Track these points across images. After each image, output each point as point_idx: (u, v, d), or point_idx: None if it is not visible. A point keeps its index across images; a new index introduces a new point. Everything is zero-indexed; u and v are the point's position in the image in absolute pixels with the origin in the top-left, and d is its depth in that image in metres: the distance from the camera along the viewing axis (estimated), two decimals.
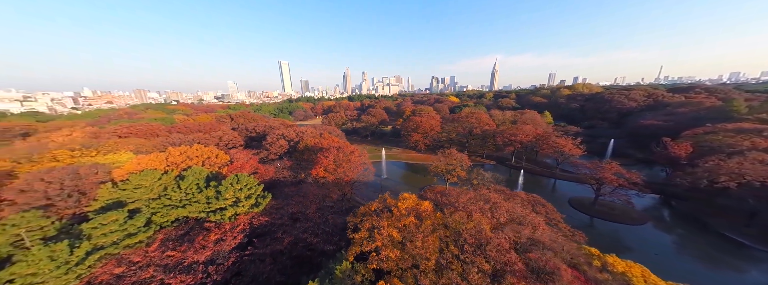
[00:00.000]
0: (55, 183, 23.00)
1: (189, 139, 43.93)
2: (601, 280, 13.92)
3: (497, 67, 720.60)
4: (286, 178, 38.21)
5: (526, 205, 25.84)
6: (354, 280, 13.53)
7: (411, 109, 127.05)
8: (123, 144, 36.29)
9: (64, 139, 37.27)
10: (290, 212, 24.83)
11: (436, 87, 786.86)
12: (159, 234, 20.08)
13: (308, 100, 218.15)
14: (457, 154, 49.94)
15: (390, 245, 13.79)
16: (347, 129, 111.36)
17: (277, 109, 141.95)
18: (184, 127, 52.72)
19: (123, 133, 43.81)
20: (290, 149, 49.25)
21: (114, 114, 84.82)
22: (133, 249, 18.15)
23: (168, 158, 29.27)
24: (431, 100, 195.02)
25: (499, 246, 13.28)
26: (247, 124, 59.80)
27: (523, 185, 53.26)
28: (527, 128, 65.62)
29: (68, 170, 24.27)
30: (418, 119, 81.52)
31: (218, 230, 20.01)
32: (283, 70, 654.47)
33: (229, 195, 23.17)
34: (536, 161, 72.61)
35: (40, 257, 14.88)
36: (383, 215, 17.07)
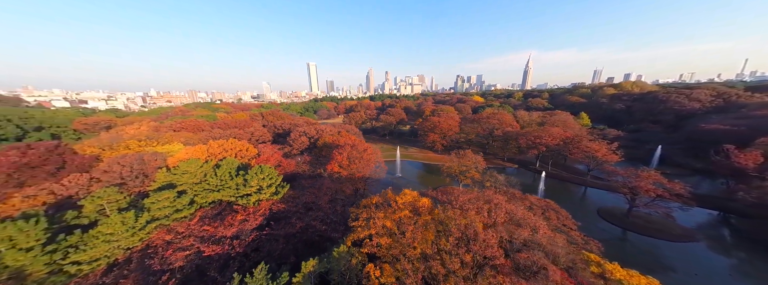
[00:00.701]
0: (127, 166, 28.88)
1: (226, 134, 50.34)
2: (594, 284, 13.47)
3: (531, 64, 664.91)
4: (304, 172, 41.69)
5: (535, 210, 24.91)
6: (349, 261, 15.19)
7: (431, 108, 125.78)
8: (176, 137, 43.30)
9: (134, 131, 45.77)
10: (304, 202, 27.58)
11: (460, 86, 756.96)
12: (198, 212, 24.16)
13: (332, 100, 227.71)
14: (471, 156, 49.03)
15: (383, 234, 15.14)
16: (366, 128, 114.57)
17: (304, 108, 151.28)
18: (223, 124, 60.27)
19: (176, 127, 51.98)
20: (310, 145, 53.20)
21: (171, 111, 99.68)
22: (179, 222, 22.26)
23: (209, 150, 34.39)
24: (454, 100, 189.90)
25: (484, 241, 13.71)
26: (275, 122, 65.81)
27: (546, 191, 50.08)
28: (554, 131, 61.05)
29: (136, 157, 30.21)
30: (436, 119, 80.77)
31: (244, 212, 23.38)
32: (311, 71, 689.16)
33: (254, 183, 26.69)
34: (565, 166, 67.24)
35: (115, 222, 19.37)
36: (382, 208, 18.46)
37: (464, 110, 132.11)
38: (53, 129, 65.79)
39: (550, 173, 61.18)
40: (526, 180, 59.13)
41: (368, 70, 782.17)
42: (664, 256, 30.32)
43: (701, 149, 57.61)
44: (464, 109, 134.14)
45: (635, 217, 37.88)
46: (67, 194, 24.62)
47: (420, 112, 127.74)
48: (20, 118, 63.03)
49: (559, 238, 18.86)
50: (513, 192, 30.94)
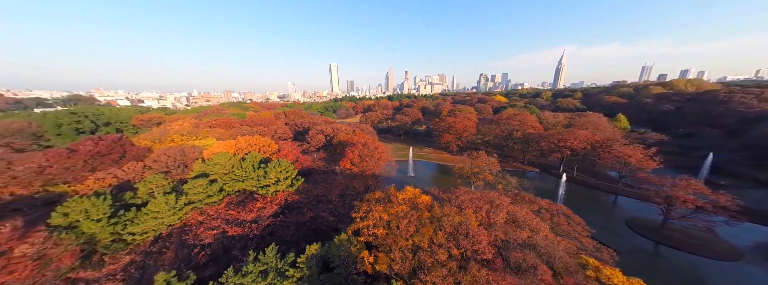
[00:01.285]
0: (171, 157, 33.68)
1: (253, 130, 55.34)
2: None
3: (564, 61, 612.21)
4: (319, 167, 44.37)
5: (543, 214, 24.04)
6: (349, 248, 16.62)
7: (449, 109, 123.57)
8: (211, 132, 48.89)
9: (178, 127, 52.57)
10: (316, 194, 29.78)
11: (483, 86, 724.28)
12: (226, 198, 27.53)
13: (351, 100, 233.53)
14: (485, 157, 47.92)
15: (379, 225, 16.29)
16: (382, 127, 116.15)
17: (324, 108, 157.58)
18: (251, 121, 66.14)
19: (212, 124, 58.47)
20: (327, 143, 56.14)
21: (209, 110, 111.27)
22: (210, 206, 25.69)
23: (237, 145, 38.49)
24: (474, 100, 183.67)
25: (474, 237, 14.12)
26: (296, 120, 70.35)
27: (571, 198, 46.93)
28: (581, 133, 56.73)
29: (178, 149, 35.05)
30: (451, 120, 79.45)
31: (262, 201, 26.15)
32: (332, 72, 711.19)
33: (273, 175, 29.51)
34: (594, 172, 62.20)
35: (161, 203, 23.13)
36: (382, 202, 19.61)
37: (484, 111, 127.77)
38: (117, 124, 77.68)
39: (575, 179, 57.09)
40: (548, 185, 55.80)
41: (388, 69, 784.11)
42: (707, 275, 27.09)
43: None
44: (484, 109, 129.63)
45: (671, 230, 34.20)
46: (126, 178, 29.67)
47: (437, 113, 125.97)
48: (93, 115, 75.45)
49: (569, 244, 18.29)
50: (523, 195, 29.94)
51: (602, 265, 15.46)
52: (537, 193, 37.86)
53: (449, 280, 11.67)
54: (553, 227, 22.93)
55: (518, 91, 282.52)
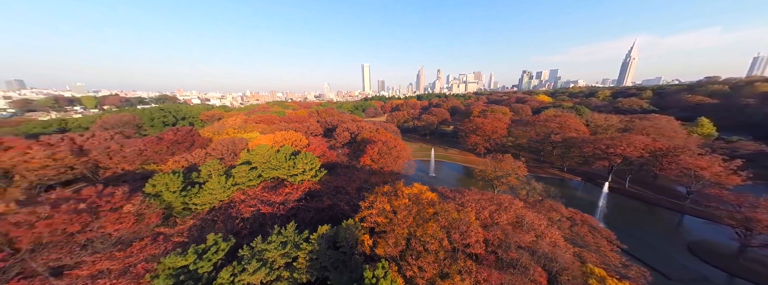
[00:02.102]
0: (225, 147, 40.97)
1: (289, 126, 62.48)
2: None
3: (635, 54, 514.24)
4: (343, 162, 48.03)
5: (562, 222, 22.42)
6: (354, 232, 18.86)
7: (481, 109, 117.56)
8: (256, 127, 57.10)
9: (232, 122, 62.63)
10: (335, 186, 32.99)
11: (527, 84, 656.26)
12: (262, 183, 32.66)
13: (380, 99, 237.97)
14: (510, 161, 45.42)
15: (380, 214, 18.06)
16: (408, 127, 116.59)
17: (354, 107, 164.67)
18: (288, 119, 74.37)
19: (257, 120, 67.90)
20: (351, 140, 59.93)
21: (257, 108, 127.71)
22: (250, 188, 30.96)
23: (274, 138, 44.54)
24: (511, 100, 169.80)
25: (466, 232, 14.71)
26: (327, 118, 76.37)
27: (615, 212, 41.42)
28: (637, 139, 48.99)
29: (230, 140, 42.35)
30: (479, 120, 75.89)
31: (290, 187, 30.35)
32: (365, 72, 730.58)
33: (300, 166, 33.73)
34: (655, 186, 53.25)
35: (215, 182, 28.97)
36: (388, 195, 21.31)
37: (522, 111, 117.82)
38: (190, 119, 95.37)
39: (627, 191, 49.82)
40: (590, 196, 49.39)
41: (419, 68, 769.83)
42: None
43: None
44: (522, 110, 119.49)
45: (751, 260, 27.87)
46: (194, 162, 37.41)
47: (467, 113, 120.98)
48: (175, 111, 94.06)
49: (589, 256, 17.23)
50: (547, 203, 27.94)
51: (609, 276, 14.31)
52: (576, 204, 34.37)
53: (435, 265, 12.73)
54: (571, 237, 21.40)
55: (568, 90, 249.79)
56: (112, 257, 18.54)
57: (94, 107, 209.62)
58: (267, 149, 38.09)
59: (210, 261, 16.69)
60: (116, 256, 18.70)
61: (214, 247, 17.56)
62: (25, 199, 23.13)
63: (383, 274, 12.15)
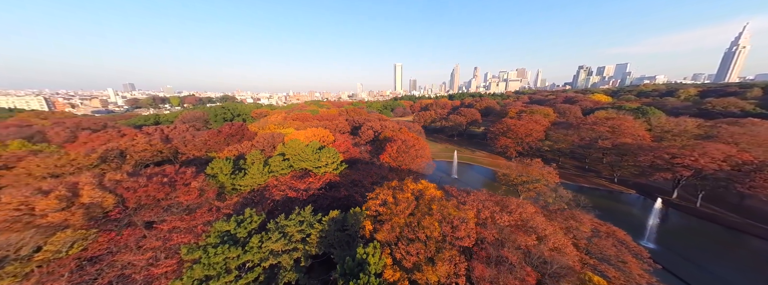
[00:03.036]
0: (266, 140, 47.93)
1: (320, 124, 68.67)
2: None
3: (745, 40, 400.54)
4: (364, 158, 51.16)
5: (580, 231, 20.75)
6: (359, 218, 21.28)
7: (518, 109, 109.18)
8: (292, 124, 64.54)
9: (273, 119, 71.81)
10: (353, 179, 36.02)
11: (583, 81, 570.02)
12: (291, 172, 37.67)
13: (410, 98, 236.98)
14: (539, 166, 42.39)
15: (382, 204, 19.98)
16: (435, 127, 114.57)
17: (383, 106, 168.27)
18: (320, 117, 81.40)
19: (294, 118, 76.30)
20: (374, 138, 62.85)
21: (296, 107, 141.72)
22: (282, 176, 36.14)
23: (305, 134, 50.10)
24: (559, 99, 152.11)
25: (456, 227, 15.54)
26: (354, 117, 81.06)
27: (677, 235, 35.26)
28: (715, 148, 40.64)
29: (270, 135, 49.28)
30: (510, 122, 70.90)
31: (314, 177, 34.48)
32: (396, 71, 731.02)
33: (324, 160, 37.77)
34: (741, 207, 43.47)
35: (256, 169, 34.80)
36: (393, 188, 23.08)
37: (569, 113, 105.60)
38: (244, 115, 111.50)
39: (699, 211, 41.84)
40: (647, 213, 41.83)
41: (454, 66, 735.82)
42: None
43: None
44: (569, 111, 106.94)
45: None
46: (242, 152, 44.96)
47: (503, 113, 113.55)
48: (232, 109, 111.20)
49: (609, 270, 16.19)
50: (568, 211, 25.76)
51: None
52: (624, 221, 30.42)
53: (421, 252, 14.02)
54: (587, 247, 19.86)
55: (637, 88, 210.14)
56: (182, 219, 24.66)
57: (178, 105, 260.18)
58: (298, 143, 43.36)
59: (245, 229, 21.02)
60: (185, 218, 24.79)
61: (250, 219, 21.94)
62: (132, 172, 31.94)
63: (372, 253, 14.06)
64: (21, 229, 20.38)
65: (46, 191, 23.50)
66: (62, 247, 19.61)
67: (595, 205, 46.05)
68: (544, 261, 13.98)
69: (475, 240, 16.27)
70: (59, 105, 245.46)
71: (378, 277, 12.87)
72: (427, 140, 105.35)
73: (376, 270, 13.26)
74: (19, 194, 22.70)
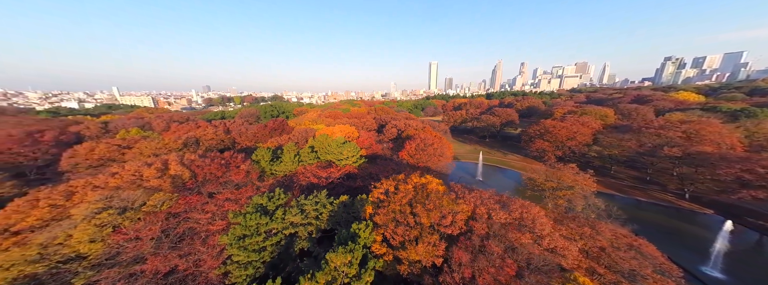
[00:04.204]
0: (300, 134, 54.80)
1: (349, 122, 74.08)
2: None
3: None
4: (385, 155, 53.93)
5: (594, 240, 19.18)
6: (363, 203, 24.10)
7: (567, 109, 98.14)
8: (324, 120, 71.39)
9: (309, 116, 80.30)
10: (369, 172, 39.09)
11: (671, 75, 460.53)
12: (317, 162, 42.80)
13: (442, 98, 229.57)
14: (571, 171, 38.84)
15: (384, 193, 22.27)
16: (466, 128, 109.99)
17: (413, 106, 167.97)
18: (350, 115, 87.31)
19: (326, 115, 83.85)
20: (398, 136, 64.98)
21: (332, 105, 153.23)
22: (309, 165, 41.50)
23: (333, 130, 55.39)
24: (627, 98, 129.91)
25: (445, 216, 16.81)
26: (382, 116, 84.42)
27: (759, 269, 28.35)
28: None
29: (303, 130, 56.05)
30: (550, 123, 64.39)
31: (335, 168, 38.72)
32: (432, 70, 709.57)
33: (345, 153, 41.80)
34: None
35: (288, 159, 40.85)
36: (397, 181, 25.14)
37: (637, 114, 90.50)
38: (287, 113, 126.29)
39: None
40: (728, 239, 33.73)
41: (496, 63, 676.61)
42: None
43: None
44: (638, 112, 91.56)
45: None
46: (280, 143, 52.54)
47: (547, 114, 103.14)
48: (279, 107, 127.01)
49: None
50: (589, 220, 23.48)
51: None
52: (690, 245, 26.16)
53: (407, 233, 15.79)
54: (605, 261, 18.48)
55: (752, 84, 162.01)
56: (232, 192, 31.35)
57: (239, 103, 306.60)
58: (326, 138, 48.57)
59: (274, 203, 25.92)
60: (234, 192, 31.45)
61: (278, 196, 26.85)
62: (202, 155, 41.34)
63: (364, 229, 16.48)
64: (135, 189, 29.32)
65: (149, 164, 32.86)
66: (158, 204, 27.58)
67: (655, 223, 39.63)
68: (528, 256, 14.05)
69: (465, 231, 17.12)
70: (161, 103, 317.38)
71: (366, 249, 15.25)
72: (455, 141, 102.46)
73: (365, 242, 15.65)
74: (135, 165, 32.40)
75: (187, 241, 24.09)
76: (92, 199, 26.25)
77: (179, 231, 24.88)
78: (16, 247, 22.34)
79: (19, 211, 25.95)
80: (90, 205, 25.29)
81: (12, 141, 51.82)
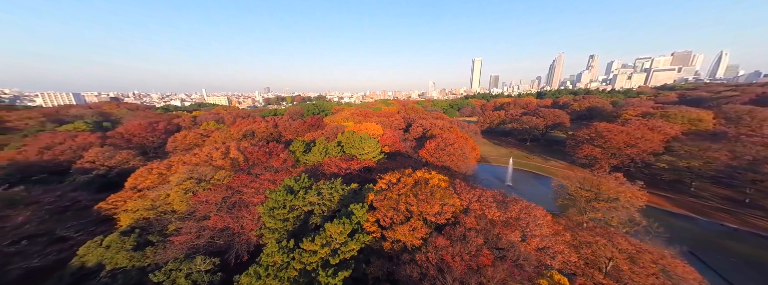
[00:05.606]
0: (331, 131, 61.25)
1: (378, 120, 78.21)
2: None
3: None
4: (407, 152, 55.90)
5: (614, 243, 17.59)
6: (369, 191, 27.19)
7: (641, 111, 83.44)
8: (355, 119, 77.23)
9: (343, 114, 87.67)
10: (386, 167, 41.88)
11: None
12: (340, 155, 47.76)
13: (483, 97, 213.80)
14: (615, 181, 34.40)
15: (386, 184, 24.82)
16: (505, 129, 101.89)
17: (449, 105, 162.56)
18: (380, 114, 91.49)
19: (358, 114, 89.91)
20: (422, 134, 65.77)
21: (367, 104, 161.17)
22: (334, 158, 46.73)
23: (360, 127, 60.04)
24: (745, 97, 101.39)
25: (433, 206, 18.45)
26: (410, 115, 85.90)
27: None
28: None
29: (335, 126, 62.33)
30: (603, 126, 55.77)
31: (356, 161, 42.86)
32: (475, 67, 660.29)
33: (366, 149, 45.60)
34: None
35: (317, 151, 46.91)
36: (403, 174, 27.34)
37: (754, 118, 71.43)
38: (326, 111, 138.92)
39: None
40: None
41: (556, 56, 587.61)
42: None
43: None
44: (755, 115, 71.99)
45: None
46: (315, 137, 59.90)
47: (613, 115, 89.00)
48: (320, 106, 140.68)
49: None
50: (608, 230, 20.92)
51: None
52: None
53: (395, 217, 17.98)
54: (615, 274, 17.12)
55: None
56: (271, 175, 38.42)
57: (290, 103, 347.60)
58: (352, 134, 53.41)
59: (299, 186, 31.27)
60: (273, 175, 38.50)
61: (302, 180, 32.19)
62: (253, 144, 51.16)
63: (359, 209, 19.34)
64: (207, 166, 38.96)
65: (217, 149, 42.84)
66: (221, 178, 36.26)
67: (755, 257, 30.73)
68: (515, 252, 14.36)
69: (453, 222, 18.15)
70: (233, 102, 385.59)
71: (359, 225, 18.07)
72: (490, 143, 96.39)
73: (359, 220, 18.45)
74: (207, 149, 42.72)
75: (237, 208, 31.33)
76: (181, 171, 36.33)
77: (233, 200, 32.45)
78: (139, 198, 33.07)
79: (141, 176, 37.86)
80: (180, 175, 35.18)
81: (141, 128, 72.86)
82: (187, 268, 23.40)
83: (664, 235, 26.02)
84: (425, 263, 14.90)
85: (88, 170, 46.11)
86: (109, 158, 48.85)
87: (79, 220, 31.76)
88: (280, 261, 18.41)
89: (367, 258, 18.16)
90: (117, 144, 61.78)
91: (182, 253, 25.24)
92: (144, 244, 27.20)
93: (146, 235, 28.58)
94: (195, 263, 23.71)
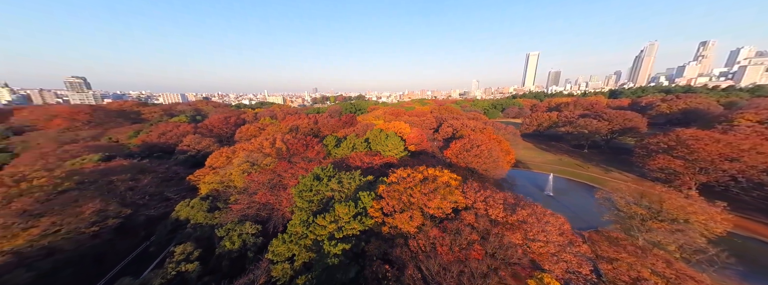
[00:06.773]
0: (362, 128, 65.84)
1: (409, 120, 79.70)
2: None
3: None
4: (432, 152, 56.24)
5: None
6: (381, 183, 29.81)
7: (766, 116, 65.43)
8: (387, 118, 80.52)
9: (375, 113, 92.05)
10: (405, 164, 43.57)
11: None
12: (366, 151, 51.44)
13: (535, 96, 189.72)
14: (684, 198, 28.89)
15: (396, 177, 26.92)
16: (556, 133, 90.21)
17: (491, 106, 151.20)
18: (412, 113, 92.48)
19: (390, 113, 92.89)
20: (452, 135, 64.41)
21: (402, 104, 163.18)
22: (360, 153, 50.79)
23: (388, 126, 62.84)
24: None
25: (432, 200, 19.83)
26: (442, 115, 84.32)
27: None
28: None
29: (366, 125, 66.71)
30: (690, 133, 45.20)
31: (378, 157, 45.90)
32: (529, 63, 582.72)
33: (390, 146, 48.13)
34: None
35: (345, 146, 51.71)
36: (415, 170, 28.97)
37: None
38: (362, 110, 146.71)
39: None
40: None
41: (643, 47, 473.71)
42: None
43: None
44: None
45: None
46: (346, 134, 65.48)
47: (720, 119, 72.04)
48: (356, 105, 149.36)
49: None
50: (646, 248, 18.01)
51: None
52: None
53: (397, 206, 19.94)
54: None
55: None
56: (305, 164, 44.70)
57: (333, 102, 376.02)
58: (379, 132, 56.71)
59: (324, 174, 36.01)
60: (306, 164, 44.73)
61: (328, 170, 36.89)
62: (295, 136, 59.84)
63: (365, 196, 21.98)
64: (258, 153, 47.75)
65: (267, 139, 51.79)
66: (268, 164, 44.20)
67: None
68: (512, 252, 14.57)
69: (452, 217, 18.94)
70: (287, 101, 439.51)
71: (363, 209, 20.73)
72: (535, 148, 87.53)
73: (364, 205, 21.04)
74: (259, 140, 52.05)
75: (277, 189, 38.08)
76: (241, 156, 45.70)
77: (275, 182, 39.49)
78: (212, 174, 43.27)
79: (215, 158, 49.03)
80: (240, 159, 44.38)
81: (219, 122, 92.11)
82: (240, 229, 30.36)
83: (734, 266, 20.82)
84: (416, 248, 16.47)
85: (185, 151, 61.92)
86: (198, 143, 64.34)
87: (177, 187, 43.84)
88: (300, 231, 22.71)
89: (368, 238, 20.80)
90: (203, 133, 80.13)
91: (237, 218, 32.66)
92: (214, 208, 36.02)
93: (216, 201, 37.64)
94: (245, 227, 30.55)
